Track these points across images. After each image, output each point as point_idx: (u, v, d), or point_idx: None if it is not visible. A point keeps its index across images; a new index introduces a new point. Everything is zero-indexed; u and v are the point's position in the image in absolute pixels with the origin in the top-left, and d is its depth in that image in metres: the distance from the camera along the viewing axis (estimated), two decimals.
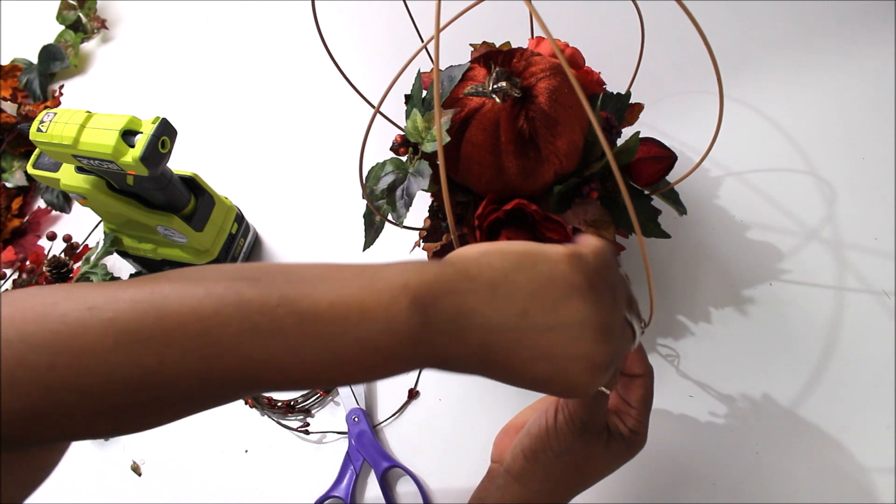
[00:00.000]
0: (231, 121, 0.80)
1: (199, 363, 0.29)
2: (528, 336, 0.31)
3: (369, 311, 0.29)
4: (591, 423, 0.40)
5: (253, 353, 0.29)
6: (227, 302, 0.29)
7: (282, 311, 0.29)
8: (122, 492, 0.59)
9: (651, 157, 0.54)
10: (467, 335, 0.30)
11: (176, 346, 0.29)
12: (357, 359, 0.29)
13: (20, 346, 0.29)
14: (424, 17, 0.63)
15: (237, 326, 0.29)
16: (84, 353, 0.29)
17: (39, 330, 0.29)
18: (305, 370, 0.29)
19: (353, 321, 0.29)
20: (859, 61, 0.72)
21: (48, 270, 0.65)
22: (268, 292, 0.29)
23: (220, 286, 0.30)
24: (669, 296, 0.61)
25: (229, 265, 0.33)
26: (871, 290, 0.59)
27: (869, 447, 0.53)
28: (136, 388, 0.29)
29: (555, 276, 0.31)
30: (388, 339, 0.29)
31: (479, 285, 0.31)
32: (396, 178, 0.51)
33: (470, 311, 0.30)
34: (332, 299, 0.29)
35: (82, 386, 0.29)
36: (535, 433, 0.41)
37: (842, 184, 0.65)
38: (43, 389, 0.28)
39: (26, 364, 0.28)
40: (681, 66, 0.73)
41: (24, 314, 0.29)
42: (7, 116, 0.79)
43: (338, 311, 0.29)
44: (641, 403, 0.43)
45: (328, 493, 0.56)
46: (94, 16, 0.90)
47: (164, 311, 0.29)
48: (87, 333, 0.29)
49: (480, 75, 0.51)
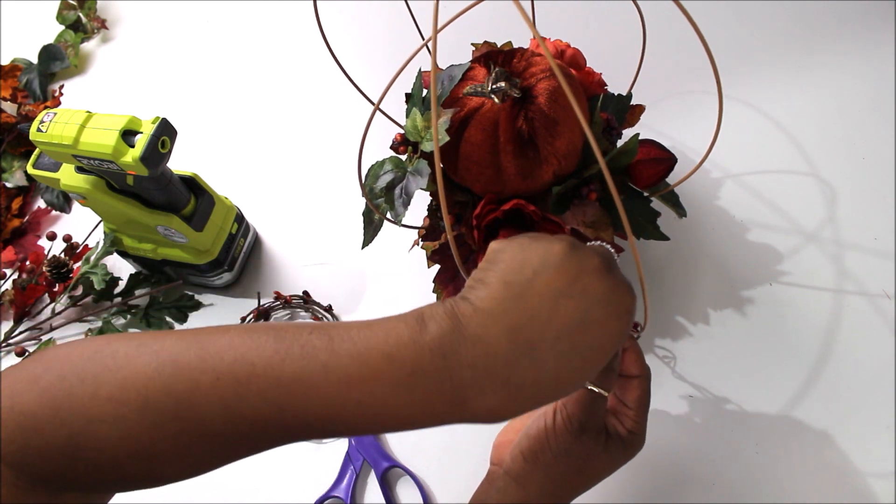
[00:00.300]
0: (231, 121, 0.80)
1: (231, 388, 0.29)
2: (520, 299, 0.31)
3: (397, 329, 0.30)
4: (589, 424, 0.40)
5: (287, 375, 0.30)
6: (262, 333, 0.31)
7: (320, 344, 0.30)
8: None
9: (651, 159, 0.54)
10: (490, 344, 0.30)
11: (210, 373, 0.30)
12: (385, 372, 0.30)
13: (71, 379, 0.30)
14: (426, 15, 0.63)
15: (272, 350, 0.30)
16: (125, 384, 0.30)
17: (90, 364, 0.30)
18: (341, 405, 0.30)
19: (381, 337, 0.30)
20: (859, 61, 0.72)
21: (48, 270, 0.65)
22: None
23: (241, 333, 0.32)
24: (668, 296, 0.61)
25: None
26: (871, 291, 0.59)
27: (868, 447, 0.53)
28: (170, 420, 0.29)
29: (499, 250, 0.34)
30: (413, 353, 0.30)
31: (469, 291, 0.32)
32: (395, 176, 0.51)
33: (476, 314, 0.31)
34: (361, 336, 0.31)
35: (118, 417, 0.29)
36: (534, 435, 0.41)
37: (842, 184, 0.64)
38: (84, 421, 0.29)
39: (72, 394, 0.30)
40: (682, 66, 0.73)
41: (81, 351, 0.31)
42: (7, 116, 0.80)
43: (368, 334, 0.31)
44: (639, 404, 0.43)
45: (328, 493, 0.56)
46: (94, 16, 0.90)
47: (203, 342, 0.31)
48: (131, 365, 0.30)
49: (480, 75, 0.51)
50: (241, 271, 0.68)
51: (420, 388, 0.29)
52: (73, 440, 0.29)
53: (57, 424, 0.29)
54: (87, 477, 0.30)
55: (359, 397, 0.29)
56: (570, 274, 0.31)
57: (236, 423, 0.30)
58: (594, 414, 0.40)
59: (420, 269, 0.62)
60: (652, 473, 0.54)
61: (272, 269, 0.69)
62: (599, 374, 0.41)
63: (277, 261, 0.69)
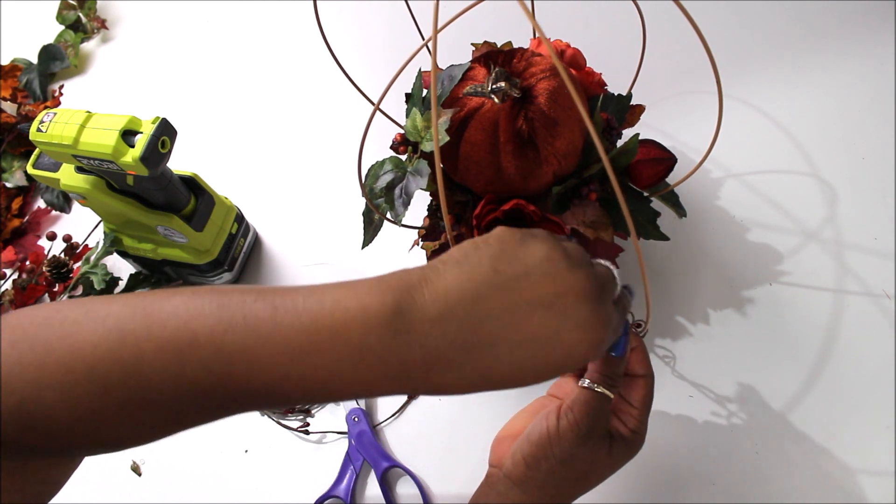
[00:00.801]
0: (231, 121, 0.80)
1: (173, 357, 0.29)
2: (507, 291, 0.30)
3: (336, 306, 0.29)
4: (595, 429, 0.40)
5: (228, 345, 0.29)
6: (207, 301, 0.30)
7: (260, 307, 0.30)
8: (122, 492, 0.59)
9: (651, 159, 0.54)
10: (451, 314, 0.30)
11: (153, 341, 0.29)
12: (329, 347, 0.29)
13: (22, 345, 0.30)
14: (426, 15, 0.63)
15: (215, 319, 0.30)
16: (73, 351, 0.30)
17: (41, 331, 0.30)
18: (286, 368, 0.29)
19: (321, 317, 0.29)
20: (859, 61, 0.72)
21: (48, 270, 0.65)
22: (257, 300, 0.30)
23: (192, 293, 0.31)
24: (669, 296, 0.61)
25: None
26: (871, 291, 0.59)
27: (868, 447, 0.53)
28: (115, 387, 0.29)
29: (501, 236, 0.32)
30: (361, 329, 0.29)
31: (449, 267, 0.31)
32: (395, 176, 0.51)
33: (448, 289, 0.30)
34: (309, 302, 0.30)
35: (65, 384, 0.29)
36: (536, 440, 0.40)
37: (842, 184, 0.64)
38: (34, 388, 0.29)
39: (23, 362, 0.30)
40: (682, 66, 0.73)
41: (32, 318, 0.31)
42: (7, 116, 0.80)
43: (315, 307, 0.30)
44: (643, 403, 0.43)
45: (328, 493, 0.56)
46: (94, 16, 0.90)
47: (149, 309, 0.30)
48: (79, 332, 0.30)
49: (480, 75, 0.51)
50: (241, 271, 0.68)
51: (365, 363, 0.29)
52: (24, 406, 0.29)
53: (8, 391, 0.29)
54: (40, 442, 0.31)
55: (301, 371, 0.29)
56: (558, 288, 0.31)
57: (179, 392, 0.30)
58: (600, 418, 0.40)
59: None
60: (652, 473, 0.54)
61: (272, 269, 0.69)
62: (607, 377, 0.41)
63: (277, 261, 0.69)
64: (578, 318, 0.31)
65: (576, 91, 0.29)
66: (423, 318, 0.29)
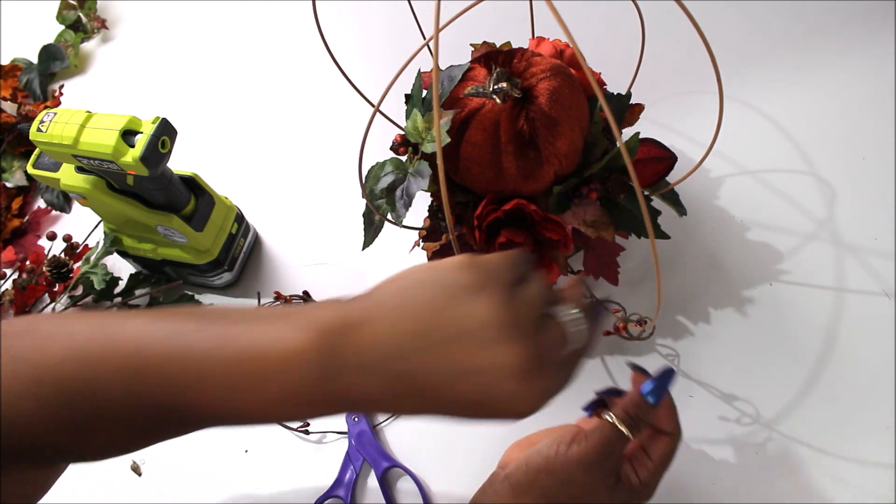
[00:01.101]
0: (231, 121, 0.80)
1: (129, 379, 0.31)
2: (437, 354, 0.29)
3: (274, 344, 0.30)
4: (604, 462, 0.40)
5: (175, 376, 0.31)
6: (160, 328, 0.32)
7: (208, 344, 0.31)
8: (122, 492, 0.59)
9: (651, 158, 0.54)
10: (381, 367, 0.30)
11: (110, 363, 0.31)
12: (262, 386, 0.30)
13: (3, 356, 0.31)
14: (426, 15, 0.63)
15: (164, 348, 0.31)
16: (43, 363, 0.31)
17: (16, 342, 0.32)
18: (213, 397, 0.31)
19: (258, 354, 0.30)
20: (859, 61, 0.72)
21: (48, 270, 0.65)
22: (207, 333, 0.31)
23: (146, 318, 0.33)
24: (669, 296, 0.61)
25: None
26: (871, 291, 0.59)
27: (869, 447, 0.53)
28: (81, 401, 0.31)
29: (446, 282, 0.31)
30: (294, 370, 0.30)
31: (387, 310, 0.30)
32: (396, 177, 0.51)
33: (380, 338, 0.30)
34: (251, 335, 0.31)
35: (38, 395, 0.31)
36: (545, 454, 0.41)
37: (842, 184, 0.65)
38: (13, 396, 0.31)
39: (2, 370, 0.31)
40: (681, 66, 0.73)
41: (10, 328, 0.33)
42: (7, 116, 0.79)
43: (255, 343, 0.31)
44: (661, 460, 0.42)
45: (328, 493, 0.56)
46: (94, 16, 0.90)
47: (109, 330, 0.32)
48: (49, 346, 0.32)
49: (481, 75, 0.51)
50: (241, 271, 0.68)
51: (294, 401, 0.31)
52: (6, 414, 0.31)
53: None
54: (21, 449, 0.32)
55: (239, 403, 0.31)
56: (487, 360, 0.29)
57: (134, 412, 0.31)
58: (612, 454, 0.40)
59: None
60: None
61: (272, 269, 0.69)
62: (631, 418, 0.40)
63: (277, 261, 0.69)
64: (504, 391, 0.30)
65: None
66: (354, 363, 0.30)
